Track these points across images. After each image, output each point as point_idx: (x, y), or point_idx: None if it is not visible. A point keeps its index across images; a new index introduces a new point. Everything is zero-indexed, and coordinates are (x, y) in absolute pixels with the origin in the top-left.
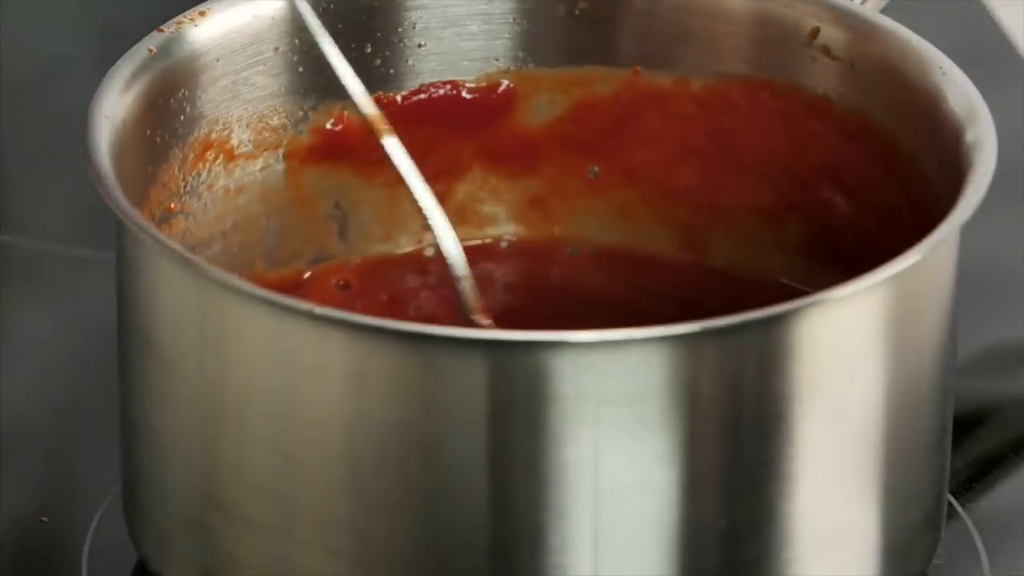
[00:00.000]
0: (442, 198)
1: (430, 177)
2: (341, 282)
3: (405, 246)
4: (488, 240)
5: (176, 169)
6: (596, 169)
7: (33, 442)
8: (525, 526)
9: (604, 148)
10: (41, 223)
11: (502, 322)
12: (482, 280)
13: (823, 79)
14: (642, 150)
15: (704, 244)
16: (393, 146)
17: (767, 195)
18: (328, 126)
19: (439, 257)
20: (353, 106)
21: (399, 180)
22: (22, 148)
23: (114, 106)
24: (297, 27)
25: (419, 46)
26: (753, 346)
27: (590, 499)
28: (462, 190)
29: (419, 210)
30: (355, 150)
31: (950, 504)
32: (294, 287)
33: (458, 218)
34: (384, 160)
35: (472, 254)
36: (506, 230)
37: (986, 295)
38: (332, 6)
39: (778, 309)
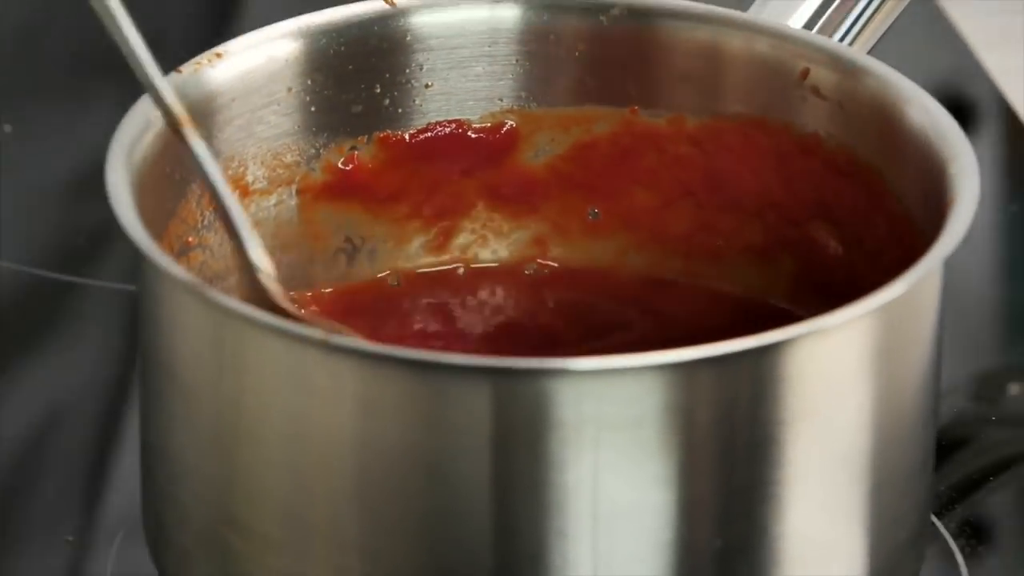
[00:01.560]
0: (447, 234)
1: (435, 213)
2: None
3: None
4: (494, 264)
5: (194, 204)
6: (596, 211)
7: (59, 466)
8: (527, 546)
9: (603, 186)
10: (70, 256)
11: (502, 346)
12: (489, 304)
13: (813, 118)
14: (639, 188)
15: (700, 277)
16: (199, 147)
17: (759, 230)
18: (339, 164)
19: (438, 280)
20: (363, 145)
21: (406, 216)
22: (51, 183)
23: (134, 144)
24: (310, 68)
25: (426, 86)
26: (747, 373)
27: (589, 521)
28: (467, 227)
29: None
30: (364, 188)
31: (933, 524)
32: (306, 307)
33: (462, 254)
34: (391, 197)
35: (479, 276)
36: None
37: (966, 324)
38: (343, 48)
39: (770, 338)
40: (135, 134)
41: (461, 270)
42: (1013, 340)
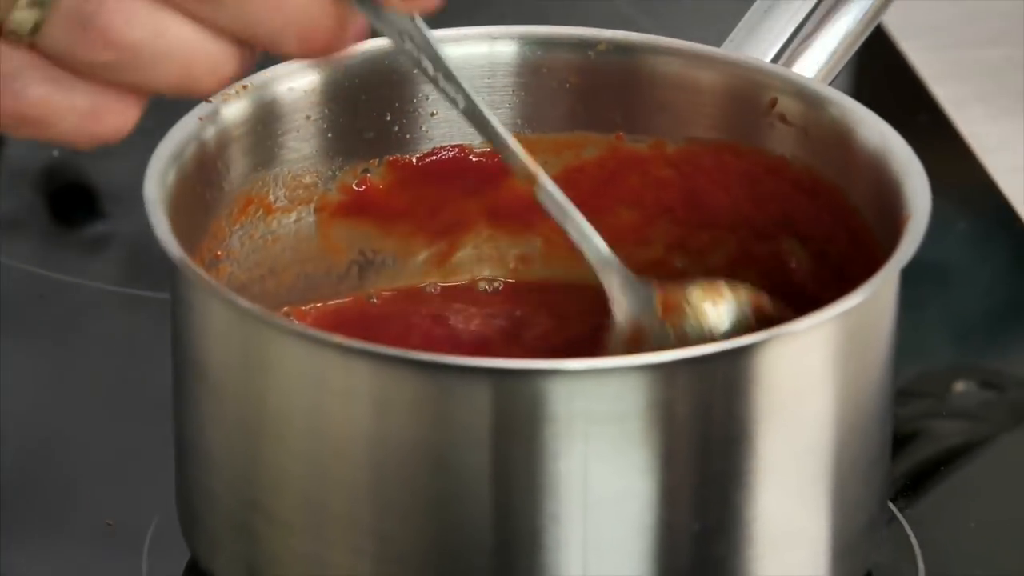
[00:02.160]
0: (449, 250)
1: (440, 231)
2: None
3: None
4: (496, 281)
5: (222, 221)
6: None
7: (100, 458)
8: (524, 529)
9: (591, 206)
10: (109, 266)
11: (503, 349)
12: (488, 315)
13: (780, 142)
14: (624, 207)
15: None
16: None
17: (731, 245)
18: (353, 185)
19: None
20: (375, 167)
21: (413, 232)
22: (90, 204)
23: (168, 167)
24: (327, 98)
25: (431, 115)
26: (721, 373)
27: (580, 506)
28: (469, 243)
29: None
30: (376, 206)
31: (890, 509)
32: (323, 314)
33: (465, 267)
34: (400, 215)
35: (476, 294)
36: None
37: (917, 328)
38: (356, 80)
39: (742, 341)
40: (170, 157)
41: (434, 288)
42: (957, 343)
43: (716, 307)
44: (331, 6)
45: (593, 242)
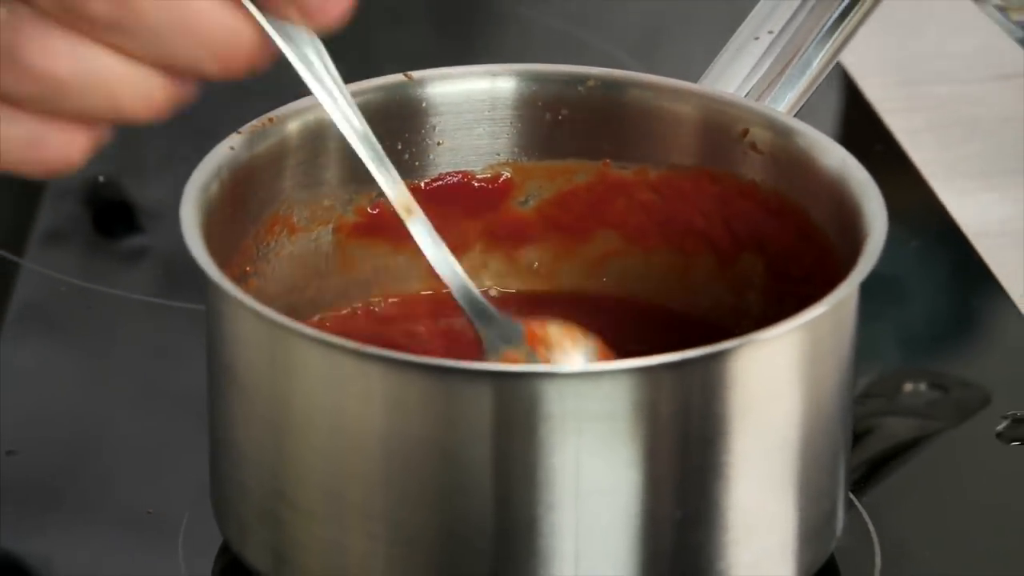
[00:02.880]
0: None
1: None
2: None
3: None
4: (494, 291)
5: (251, 240)
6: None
7: (140, 453)
8: (521, 517)
9: (581, 226)
10: (149, 280)
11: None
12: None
13: (751, 168)
14: (611, 226)
15: (659, 295)
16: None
17: (703, 262)
18: (368, 208)
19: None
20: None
21: (419, 250)
22: (130, 222)
23: (202, 191)
24: (340, 134)
25: (438, 144)
26: (699, 376)
27: (572, 496)
28: (468, 259)
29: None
30: (387, 227)
31: (849, 497)
32: (341, 323)
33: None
34: (407, 235)
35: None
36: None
37: (871, 335)
38: (371, 112)
39: (718, 348)
40: (205, 181)
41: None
42: (907, 348)
43: (575, 344)
44: (242, 25)
45: (459, 276)
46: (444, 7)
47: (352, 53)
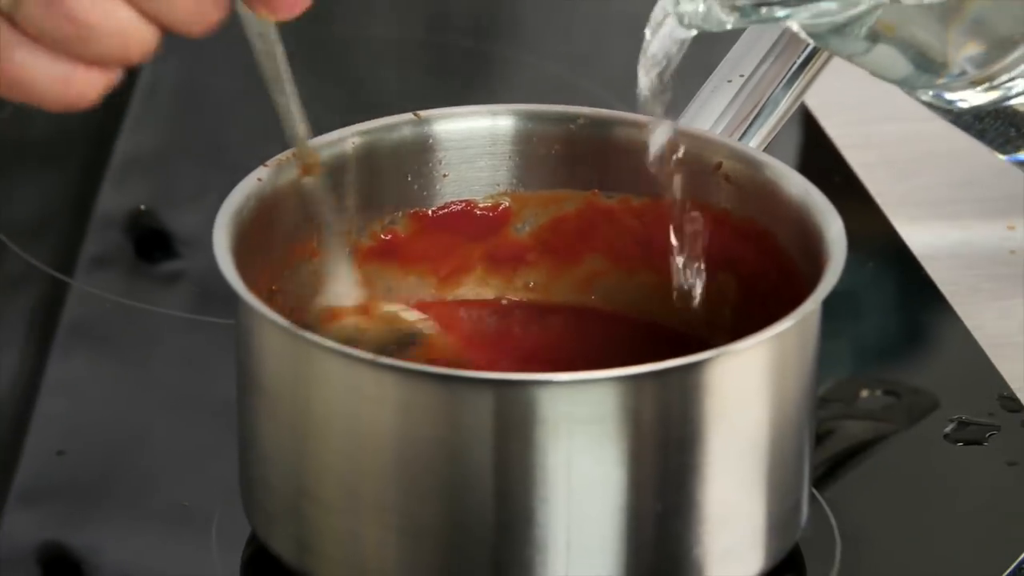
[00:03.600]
0: (454, 286)
1: (449, 272)
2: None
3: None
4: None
5: (276, 262)
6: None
7: (176, 455)
8: (520, 509)
9: (573, 248)
10: (185, 299)
11: (505, 362)
12: (500, 330)
13: (724, 197)
14: (599, 249)
15: (641, 310)
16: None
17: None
18: (381, 234)
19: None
20: (398, 219)
21: (427, 272)
22: (168, 246)
23: (232, 218)
24: (359, 164)
25: (443, 176)
26: (677, 384)
27: (565, 491)
28: (471, 278)
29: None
30: (397, 251)
31: (812, 493)
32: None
33: (471, 294)
34: (418, 258)
35: (483, 307)
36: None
37: (831, 347)
38: (384, 147)
39: (694, 359)
40: (235, 209)
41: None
42: (863, 359)
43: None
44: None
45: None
46: (450, 55)
47: (367, 95)
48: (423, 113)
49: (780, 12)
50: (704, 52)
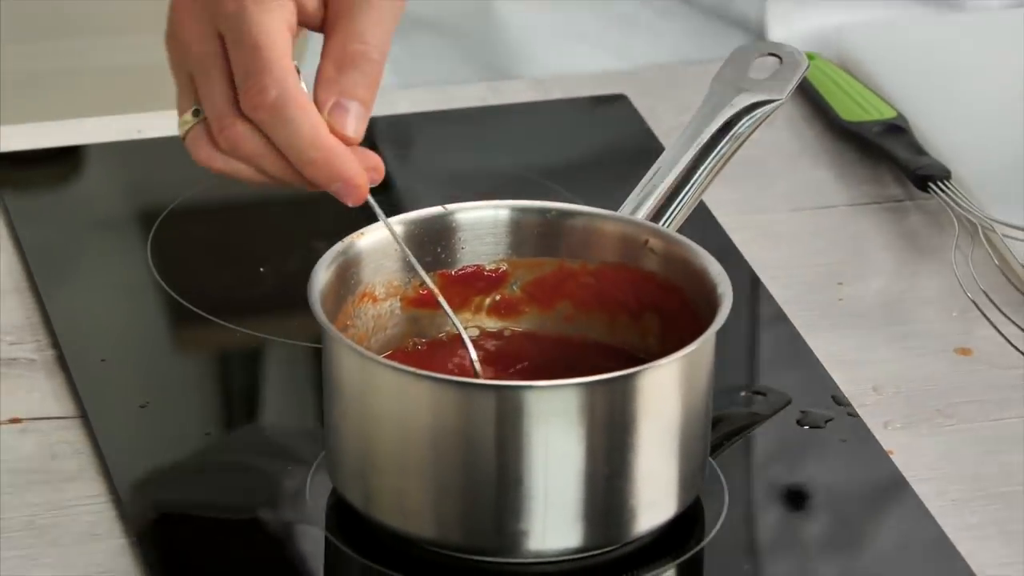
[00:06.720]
0: (470, 322)
1: (466, 313)
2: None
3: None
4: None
5: (350, 305)
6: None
7: (285, 437)
8: (513, 475)
9: (548, 298)
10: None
11: (505, 373)
12: (495, 349)
13: (651, 263)
14: (566, 300)
15: (598, 336)
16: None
17: (622, 319)
18: (420, 290)
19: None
20: (431, 277)
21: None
22: (276, 297)
23: (323, 274)
24: (405, 239)
25: (461, 248)
26: (620, 388)
27: (543, 461)
28: (477, 319)
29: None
30: (432, 300)
31: (709, 460)
32: (403, 355)
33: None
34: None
35: (490, 336)
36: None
37: (720, 361)
38: (420, 231)
39: (631, 371)
40: (324, 268)
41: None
42: (740, 369)
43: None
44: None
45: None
46: (465, 171)
47: (410, 194)
48: (448, 207)
49: None
50: (644, 157)
